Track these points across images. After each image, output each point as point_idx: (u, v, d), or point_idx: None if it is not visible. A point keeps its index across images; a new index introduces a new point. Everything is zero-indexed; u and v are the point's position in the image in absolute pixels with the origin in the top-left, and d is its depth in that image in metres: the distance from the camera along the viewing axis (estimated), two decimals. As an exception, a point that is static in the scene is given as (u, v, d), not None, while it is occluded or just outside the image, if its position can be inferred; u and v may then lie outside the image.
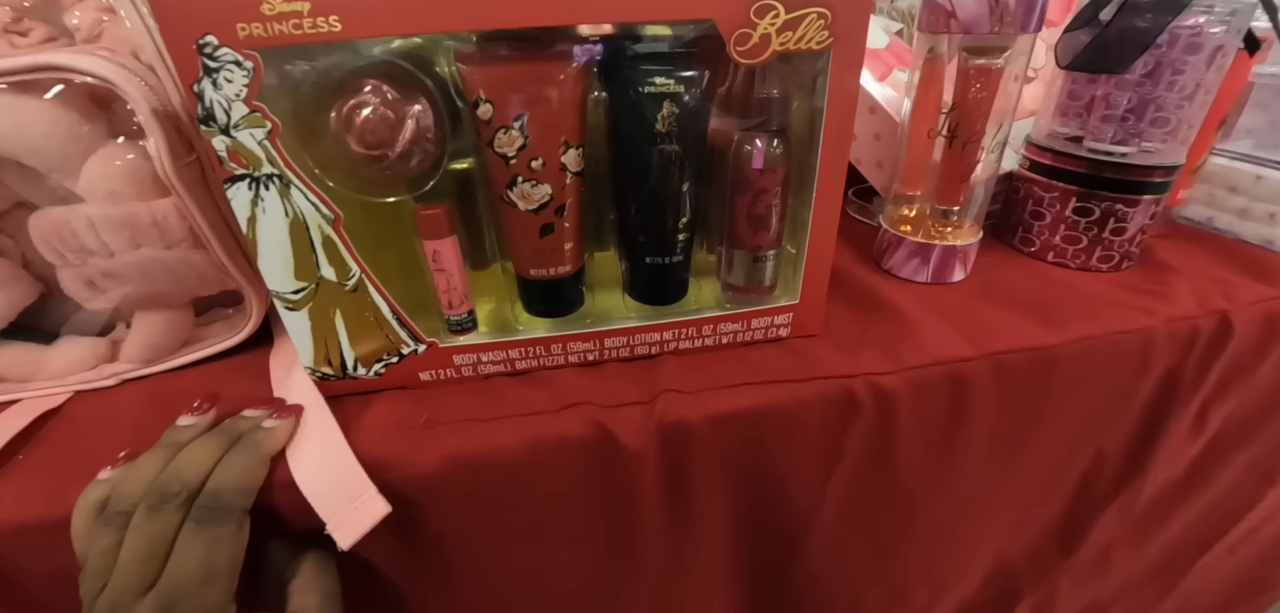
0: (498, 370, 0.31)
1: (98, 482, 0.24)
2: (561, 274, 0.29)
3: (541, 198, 0.26)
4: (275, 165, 0.23)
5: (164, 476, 0.22)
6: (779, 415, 0.30)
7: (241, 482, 0.23)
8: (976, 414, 0.33)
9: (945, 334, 0.33)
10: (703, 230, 0.33)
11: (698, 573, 0.36)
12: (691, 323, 0.31)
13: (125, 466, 0.24)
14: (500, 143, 0.24)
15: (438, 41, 0.25)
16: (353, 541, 0.24)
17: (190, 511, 0.22)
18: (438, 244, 0.26)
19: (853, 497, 0.35)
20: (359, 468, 0.26)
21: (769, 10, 0.23)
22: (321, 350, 0.28)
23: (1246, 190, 0.43)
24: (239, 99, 0.21)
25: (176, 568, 0.20)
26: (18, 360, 0.32)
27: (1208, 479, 0.49)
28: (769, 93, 0.27)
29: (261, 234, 0.24)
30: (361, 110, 0.22)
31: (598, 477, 0.29)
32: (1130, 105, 0.36)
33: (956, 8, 0.31)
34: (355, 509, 0.25)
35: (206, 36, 0.20)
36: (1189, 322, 0.35)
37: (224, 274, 0.32)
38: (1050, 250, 0.41)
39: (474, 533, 0.30)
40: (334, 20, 0.20)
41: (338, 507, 0.25)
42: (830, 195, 0.29)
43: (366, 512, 0.25)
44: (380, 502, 0.25)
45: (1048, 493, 0.42)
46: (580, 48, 0.25)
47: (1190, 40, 0.33)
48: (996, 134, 0.35)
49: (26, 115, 0.25)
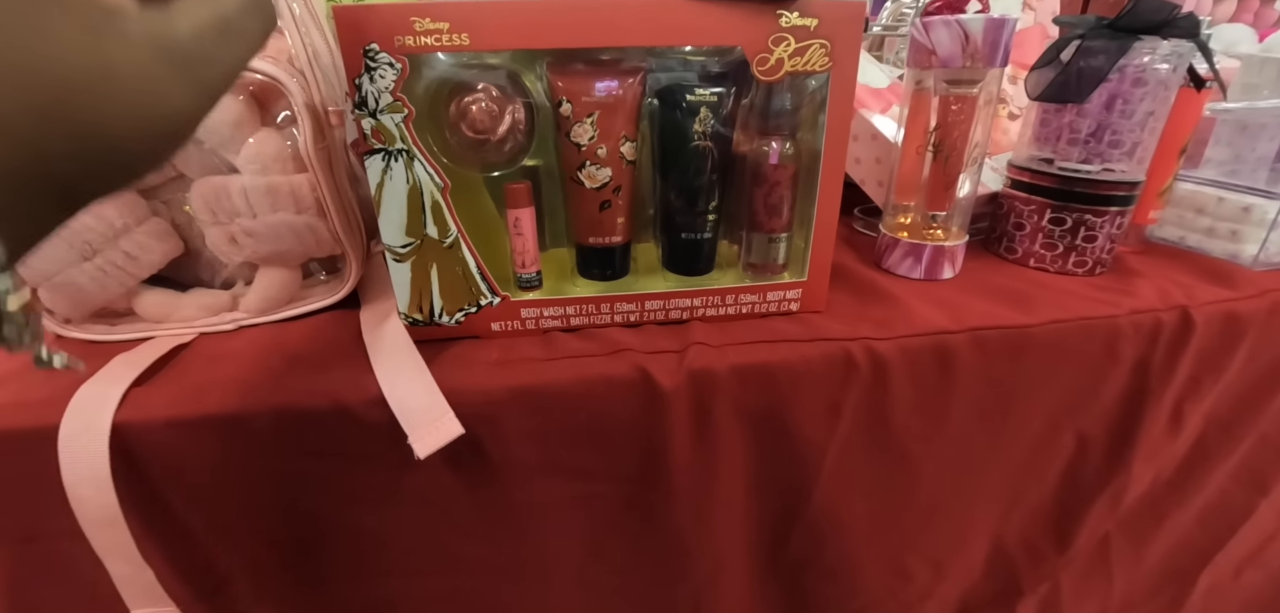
0: (555, 325, 0.37)
1: None
2: (613, 243, 0.36)
3: (604, 178, 0.33)
4: (405, 143, 0.30)
5: None
6: (788, 370, 0.36)
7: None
8: (960, 381, 0.38)
9: (932, 314, 0.39)
10: (727, 226, 0.40)
11: (717, 525, 0.41)
12: (717, 292, 0.37)
13: None
14: (575, 134, 0.32)
15: (533, 60, 0.32)
16: (429, 451, 0.29)
17: None
18: (520, 212, 0.34)
19: (852, 455, 0.40)
20: (440, 395, 0.31)
21: (783, 39, 0.31)
22: (416, 298, 0.35)
23: (1211, 212, 0.48)
24: (387, 91, 0.29)
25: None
26: (157, 302, 0.38)
27: (1197, 482, 0.52)
28: (783, 104, 0.35)
29: (386, 197, 0.31)
30: (474, 105, 0.30)
31: (637, 412, 0.35)
32: (1091, 130, 0.42)
33: (936, 47, 0.39)
34: (435, 427, 0.30)
35: (372, 44, 0.28)
36: (1151, 314, 0.40)
37: (335, 240, 0.39)
38: (1031, 257, 0.47)
39: (530, 460, 0.35)
40: (464, 36, 0.28)
41: (419, 424, 0.30)
42: (832, 186, 0.35)
43: (444, 429, 0.30)
44: (455, 424, 0.30)
45: (1036, 475, 0.46)
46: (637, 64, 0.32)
47: (1136, 75, 0.40)
48: (974, 149, 0.41)
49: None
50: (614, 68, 0.32)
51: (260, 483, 0.33)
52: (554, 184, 0.37)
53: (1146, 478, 0.50)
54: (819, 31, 0.31)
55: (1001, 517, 0.48)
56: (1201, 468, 0.52)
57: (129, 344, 0.36)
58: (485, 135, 0.30)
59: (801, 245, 0.39)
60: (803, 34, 0.30)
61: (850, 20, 0.31)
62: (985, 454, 0.43)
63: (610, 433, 0.35)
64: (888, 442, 0.40)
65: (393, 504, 0.35)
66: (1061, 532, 0.50)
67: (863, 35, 0.32)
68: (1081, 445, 0.46)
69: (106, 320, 0.38)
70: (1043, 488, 0.48)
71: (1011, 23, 0.37)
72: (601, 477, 0.37)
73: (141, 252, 0.36)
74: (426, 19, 0.28)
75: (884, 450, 0.40)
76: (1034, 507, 0.49)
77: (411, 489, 0.35)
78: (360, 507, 0.35)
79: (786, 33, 0.30)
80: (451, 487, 0.36)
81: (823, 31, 0.31)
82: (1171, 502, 0.53)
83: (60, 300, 0.36)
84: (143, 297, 0.37)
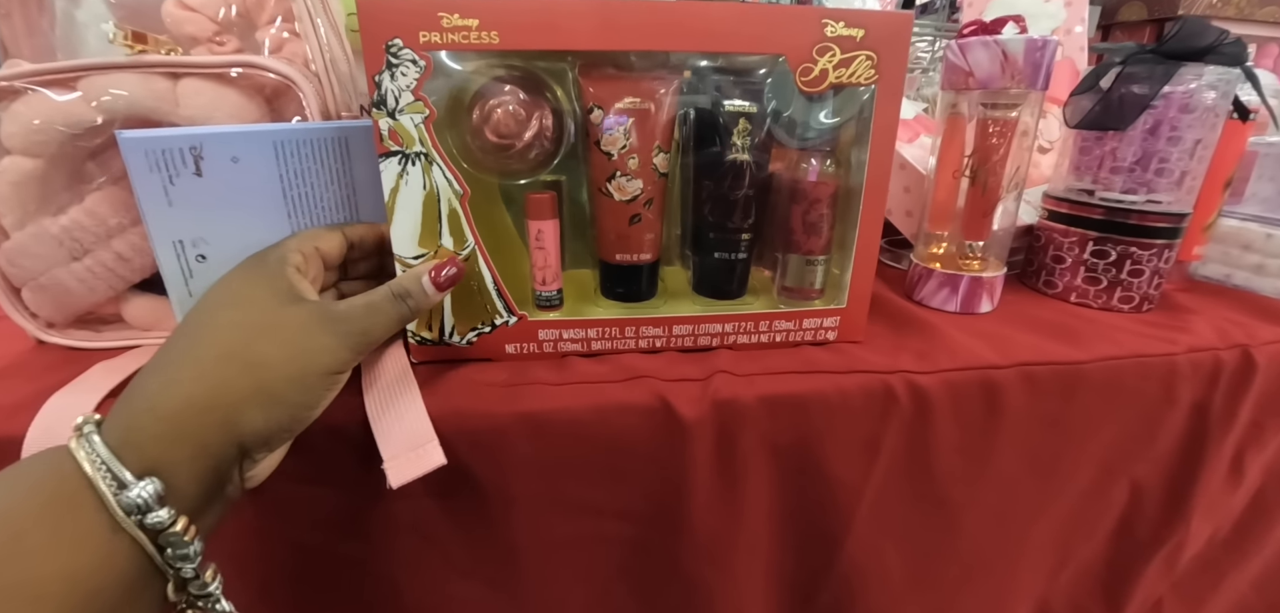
0: (575, 349, 0.34)
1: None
2: (641, 260, 0.34)
3: (634, 191, 0.31)
4: (424, 145, 0.28)
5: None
6: (822, 403, 0.33)
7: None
8: (1007, 421, 0.35)
9: (976, 347, 0.36)
10: (761, 250, 0.38)
11: (739, 574, 0.37)
12: (749, 318, 0.35)
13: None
14: (606, 142, 0.30)
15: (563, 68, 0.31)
16: (403, 481, 0.26)
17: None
18: (542, 224, 0.31)
19: (890, 499, 0.36)
20: (427, 420, 0.27)
21: (828, 49, 0.29)
22: (426, 314, 0.32)
23: (1259, 248, 0.46)
24: (408, 89, 0.27)
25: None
26: (146, 309, 0.36)
27: (1256, 542, 0.48)
28: (824, 119, 0.33)
29: (400, 203, 0.29)
30: (499, 108, 0.28)
31: (655, 444, 0.32)
32: (1136, 158, 0.40)
33: (974, 68, 0.37)
34: (415, 455, 0.26)
35: (395, 39, 0.26)
36: (1211, 353, 0.37)
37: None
38: (1072, 292, 0.44)
39: (534, 494, 0.32)
40: (494, 34, 0.26)
41: (399, 451, 0.26)
42: (875, 207, 0.33)
43: (424, 459, 0.26)
44: (438, 454, 0.26)
45: (1087, 529, 0.43)
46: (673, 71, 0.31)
47: (1183, 101, 0.38)
48: (1013, 175, 0.39)
49: (221, 97, 0.32)
50: (648, 74, 0.30)
51: (238, 508, 0.30)
52: (575, 205, 0.35)
53: (1203, 536, 0.46)
54: (865, 42, 0.29)
55: (1049, 576, 0.44)
56: (1260, 525, 0.48)
57: (113, 352, 0.33)
58: (510, 141, 0.29)
59: (837, 273, 0.37)
60: (848, 45, 0.29)
61: (898, 32, 0.29)
62: (1032, 504, 0.40)
63: (624, 467, 0.32)
64: (928, 487, 0.37)
65: (382, 537, 0.32)
66: (1112, 596, 0.46)
67: (909, 48, 0.31)
68: (1136, 496, 0.42)
69: (91, 326, 0.35)
70: (1093, 545, 0.44)
71: (1054, 44, 0.36)
72: (612, 515, 0.34)
73: (134, 253, 0.34)
74: (455, 15, 0.26)
75: (923, 496, 0.37)
76: (1083, 566, 0.45)
77: (403, 522, 0.32)
78: (347, 538, 0.32)
79: (832, 42, 0.29)
80: (447, 520, 0.32)
81: (869, 42, 0.29)
82: (1228, 563, 0.49)
83: (44, 302, 0.33)
84: (131, 302, 0.35)
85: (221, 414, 0.22)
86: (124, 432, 0.20)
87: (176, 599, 0.22)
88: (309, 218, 0.32)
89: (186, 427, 0.21)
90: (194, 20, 0.35)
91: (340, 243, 0.31)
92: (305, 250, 0.28)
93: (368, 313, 0.27)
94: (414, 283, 0.28)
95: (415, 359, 0.32)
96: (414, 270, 0.29)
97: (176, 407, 0.21)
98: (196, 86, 0.32)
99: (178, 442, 0.21)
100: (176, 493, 0.20)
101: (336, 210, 0.32)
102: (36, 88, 0.30)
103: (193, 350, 0.23)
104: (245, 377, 0.22)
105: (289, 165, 0.30)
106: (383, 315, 0.27)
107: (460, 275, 0.29)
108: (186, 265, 0.31)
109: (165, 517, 0.20)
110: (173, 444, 0.21)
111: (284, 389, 0.23)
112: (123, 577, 0.19)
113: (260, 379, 0.22)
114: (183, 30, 0.35)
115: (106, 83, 0.31)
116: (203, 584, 0.22)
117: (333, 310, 0.26)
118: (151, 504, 0.19)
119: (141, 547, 0.20)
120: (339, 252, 0.31)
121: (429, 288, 0.28)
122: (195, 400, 0.21)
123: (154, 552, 0.20)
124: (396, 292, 0.28)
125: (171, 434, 0.21)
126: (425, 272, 0.28)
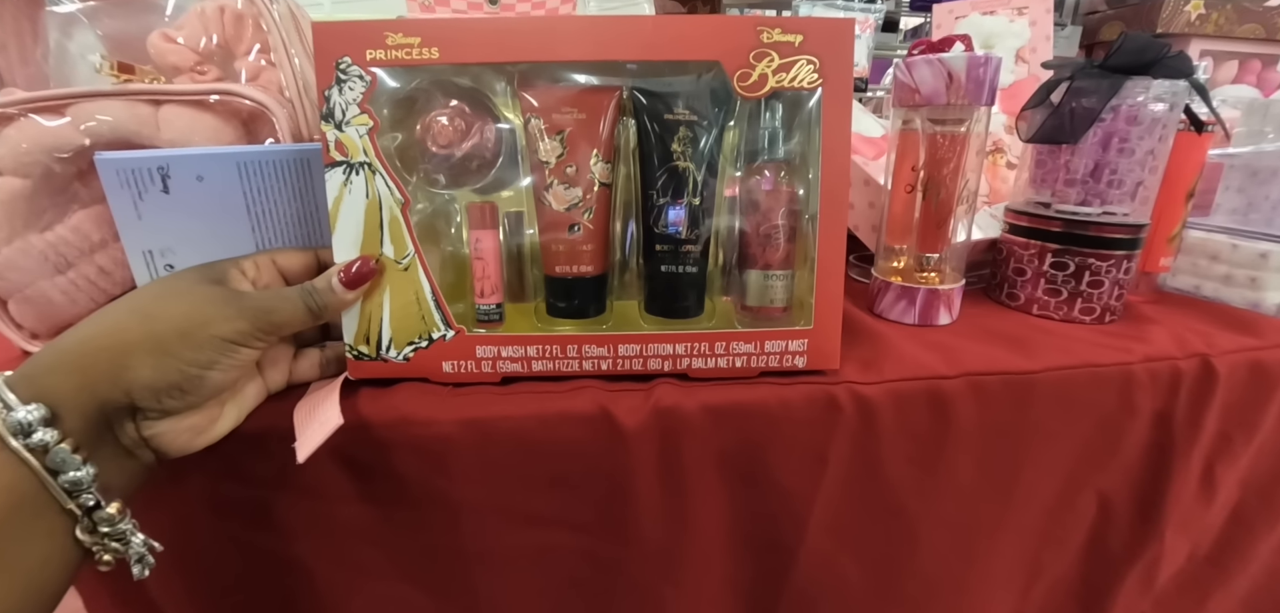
0: (515, 370, 0.33)
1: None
2: (583, 273, 0.34)
3: (572, 199, 0.32)
4: (368, 155, 0.30)
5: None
6: (765, 413, 0.33)
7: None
8: (958, 432, 0.35)
9: (925, 357, 0.36)
10: (725, 280, 0.37)
11: (691, 586, 0.37)
12: (705, 337, 0.33)
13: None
14: (542, 152, 0.31)
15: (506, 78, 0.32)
16: (308, 453, 0.26)
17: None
18: (480, 233, 0.33)
19: (845, 510, 0.36)
20: (336, 406, 0.28)
21: (765, 55, 0.30)
22: (364, 327, 0.32)
23: (1226, 258, 0.45)
24: (354, 103, 0.29)
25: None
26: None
27: (1240, 557, 0.47)
28: (773, 125, 0.34)
29: (343, 212, 0.30)
30: (438, 118, 0.30)
31: (599, 454, 0.32)
32: (1089, 170, 0.41)
33: (919, 85, 0.38)
34: (318, 428, 0.27)
35: (344, 57, 0.28)
36: (1168, 362, 0.37)
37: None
38: (1034, 303, 0.44)
39: (481, 502, 0.33)
40: (434, 51, 0.28)
41: (307, 427, 0.27)
42: (834, 216, 0.32)
43: (325, 427, 0.27)
44: (337, 416, 0.27)
45: (1057, 542, 0.42)
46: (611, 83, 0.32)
47: (1131, 113, 0.39)
48: (964, 188, 0.40)
49: (198, 122, 0.34)
50: (585, 85, 0.32)
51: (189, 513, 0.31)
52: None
53: (1182, 551, 0.45)
54: (805, 47, 0.30)
55: (1020, 592, 0.43)
56: (1243, 541, 0.46)
57: (89, 361, 0.35)
58: (448, 150, 0.30)
59: (805, 296, 0.34)
60: (787, 50, 0.30)
61: (838, 36, 0.30)
62: (994, 516, 0.39)
63: (569, 476, 0.33)
64: (882, 498, 0.37)
65: (327, 542, 0.33)
66: (1089, 610, 0.45)
67: (854, 50, 0.31)
68: (1105, 509, 0.41)
69: (72, 337, 0.37)
70: (1065, 559, 0.43)
71: (996, 61, 0.37)
72: (562, 526, 0.34)
73: (115, 266, 0.36)
74: (398, 34, 0.28)
75: (878, 507, 0.37)
76: (1057, 581, 0.44)
77: (348, 526, 0.32)
78: (292, 542, 0.33)
79: (769, 48, 0.30)
80: (392, 528, 0.33)
81: (809, 48, 0.30)
82: (1213, 581, 0.47)
83: (29, 314, 0.35)
84: (110, 314, 0.37)
85: (111, 356, 0.23)
86: (24, 368, 0.22)
87: (89, 542, 0.23)
88: (273, 231, 0.34)
89: (77, 361, 0.22)
90: (177, 51, 0.38)
91: (308, 261, 0.32)
92: (260, 261, 0.30)
93: (273, 296, 0.28)
94: (324, 280, 0.30)
95: (351, 376, 0.32)
96: (329, 270, 0.30)
97: (72, 344, 0.23)
98: (177, 112, 0.34)
99: (67, 373, 0.22)
100: (62, 423, 0.21)
101: (299, 224, 0.34)
102: (28, 114, 0.33)
103: (112, 309, 0.25)
104: (140, 325, 0.24)
105: (252, 183, 0.32)
106: (287, 301, 0.28)
107: (371, 272, 0.30)
108: (155, 272, 0.33)
109: (49, 436, 0.21)
110: (63, 376, 0.22)
111: (174, 343, 0.24)
112: (11, 491, 0.20)
113: (152, 329, 0.24)
114: (166, 60, 0.38)
115: (93, 109, 0.33)
116: (112, 520, 0.22)
117: (242, 290, 0.27)
118: (35, 425, 0.20)
119: (32, 470, 0.21)
120: (304, 270, 0.32)
121: (337, 286, 0.30)
122: (89, 341, 0.23)
123: (47, 477, 0.21)
124: (306, 286, 0.29)
125: (62, 366, 0.22)
126: (336, 271, 0.30)
